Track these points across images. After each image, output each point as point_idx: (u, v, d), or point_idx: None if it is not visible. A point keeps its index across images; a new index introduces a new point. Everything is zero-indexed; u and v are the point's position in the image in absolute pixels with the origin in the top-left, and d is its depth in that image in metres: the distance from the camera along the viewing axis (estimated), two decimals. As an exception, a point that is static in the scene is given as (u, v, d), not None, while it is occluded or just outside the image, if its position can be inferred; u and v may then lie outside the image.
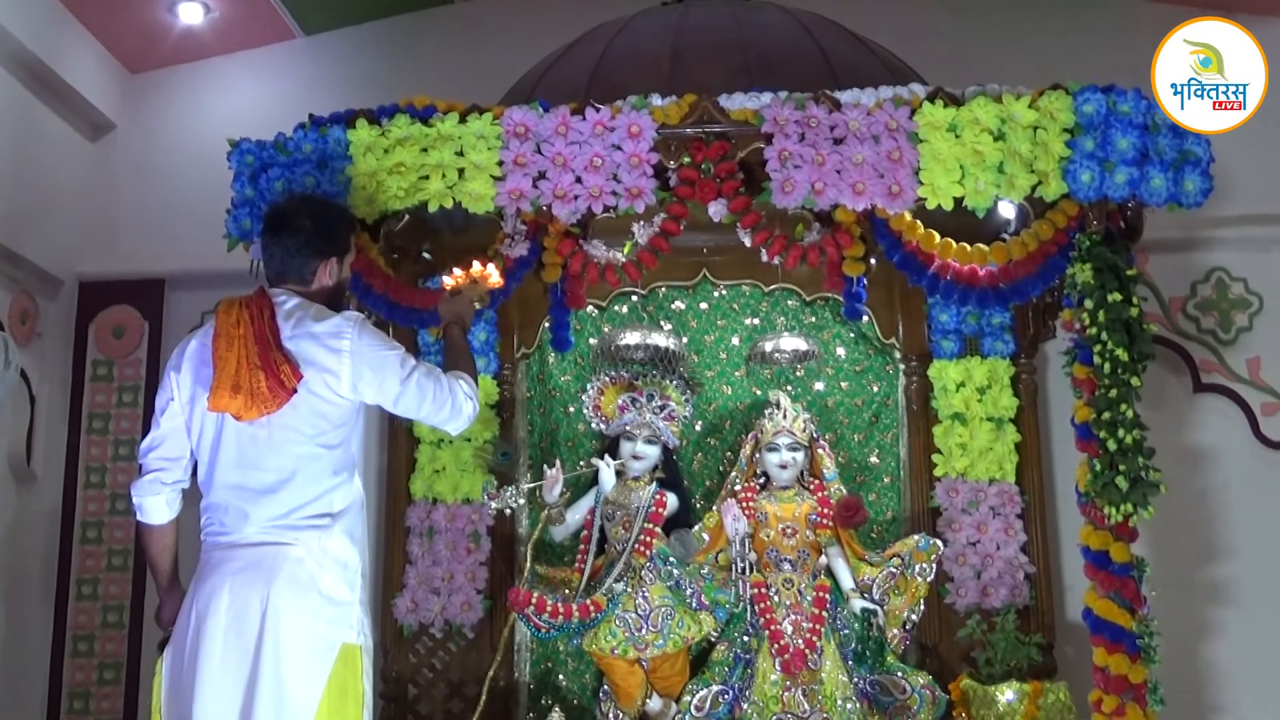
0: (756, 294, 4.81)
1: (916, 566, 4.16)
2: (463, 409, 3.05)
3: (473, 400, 3.08)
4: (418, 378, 2.96)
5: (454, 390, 3.03)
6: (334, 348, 2.87)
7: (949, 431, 4.53)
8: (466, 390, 3.07)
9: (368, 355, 2.89)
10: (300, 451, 2.86)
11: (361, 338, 2.90)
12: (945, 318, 4.60)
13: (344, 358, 2.87)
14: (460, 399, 3.03)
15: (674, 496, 4.41)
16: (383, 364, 2.91)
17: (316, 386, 2.86)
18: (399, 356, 2.95)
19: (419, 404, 2.97)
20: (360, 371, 2.88)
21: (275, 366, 2.81)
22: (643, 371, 4.60)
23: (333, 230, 3.08)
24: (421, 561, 4.52)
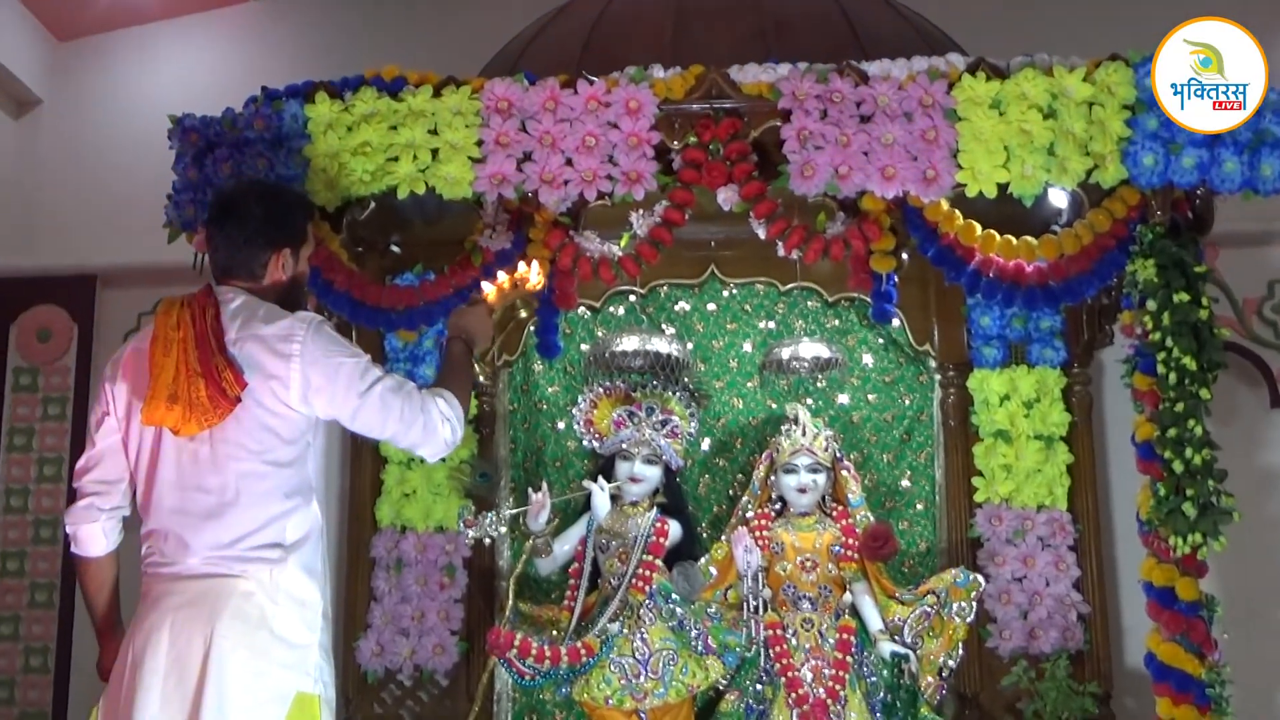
0: (772, 294, 4.82)
1: (954, 605, 4.15)
2: (437, 432, 2.96)
3: (452, 424, 2.98)
4: (381, 391, 2.91)
5: (428, 408, 2.95)
6: (283, 352, 2.85)
7: (991, 451, 4.53)
8: (445, 411, 2.98)
9: (321, 362, 2.87)
10: (244, 469, 2.84)
11: (315, 341, 2.88)
12: (987, 321, 4.60)
13: (293, 363, 2.85)
14: (435, 420, 2.95)
15: (677, 524, 4.41)
16: (337, 372, 2.87)
17: (263, 396, 2.84)
18: (359, 365, 2.91)
19: (382, 421, 2.92)
20: (311, 380, 2.85)
21: (217, 373, 2.79)
22: (642, 382, 4.60)
23: (287, 218, 3.07)
24: (388, 598, 4.52)
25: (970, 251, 3.75)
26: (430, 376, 4.59)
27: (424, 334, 4.60)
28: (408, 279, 4.48)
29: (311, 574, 2.90)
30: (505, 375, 4.76)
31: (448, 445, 2.99)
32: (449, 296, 3.94)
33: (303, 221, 3.13)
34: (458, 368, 3.19)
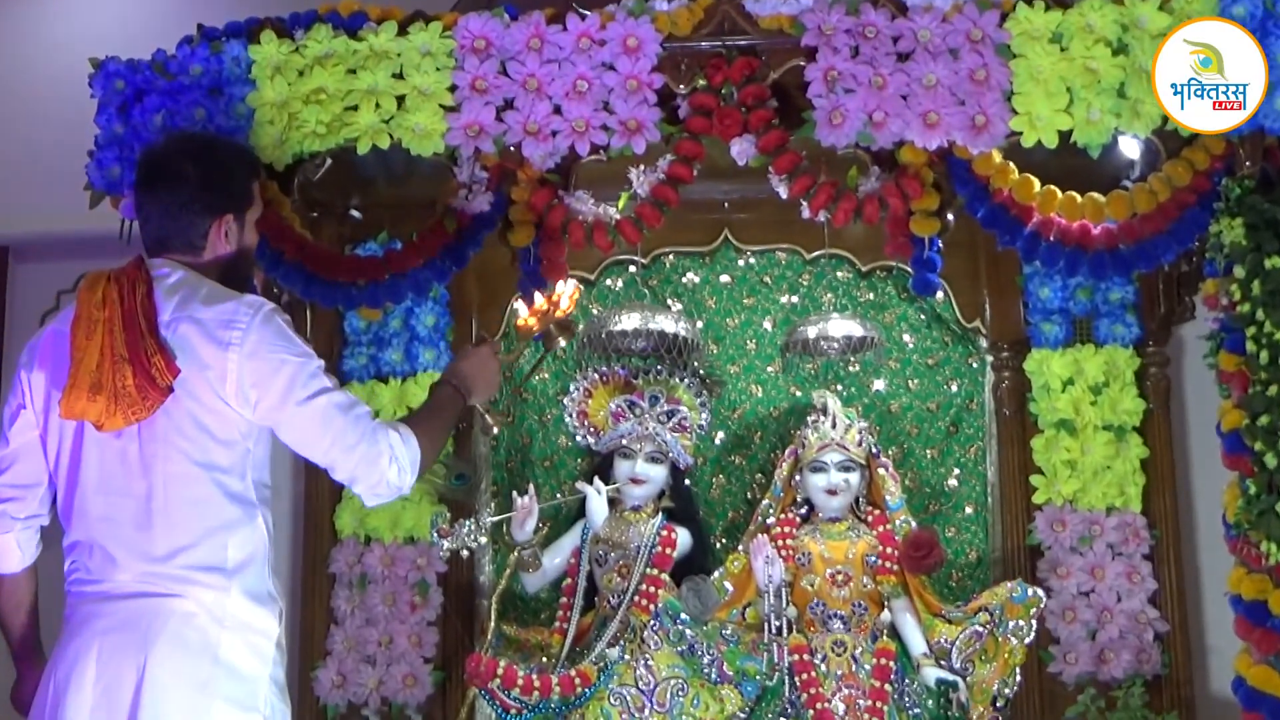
0: (795, 263, 4.82)
1: (1010, 624, 4.14)
2: (381, 470, 2.88)
3: (400, 467, 2.90)
4: (325, 405, 2.87)
5: (377, 439, 2.88)
6: (221, 339, 2.84)
7: (1053, 444, 4.53)
8: (398, 450, 2.90)
9: (262, 355, 2.84)
10: (174, 472, 2.84)
11: (260, 331, 2.86)
12: (1047, 293, 4.60)
13: (231, 353, 2.83)
14: (382, 455, 2.87)
15: (686, 533, 4.41)
16: (277, 371, 2.84)
17: (197, 387, 2.83)
18: (305, 367, 2.87)
19: (317, 439, 2.87)
20: (248, 375, 2.84)
21: (146, 358, 2.79)
22: (644, 367, 4.61)
23: (228, 179, 3.07)
24: (351, 621, 4.53)
25: (1027, 211, 3.75)
26: (395, 362, 4.60)
27: (390, 313, 4.60)
28: (370, 249, 4.50)
29: (259, 600, 2.90)
30: (485, 360, 4.74)
31: (390, 490, 2.92)
32: (418, 269, 3.94)
33: (247, 182, 3.12)
34: (437, 411, 3.16)
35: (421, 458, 2.96)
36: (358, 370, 4.63)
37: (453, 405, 3.20)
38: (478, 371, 3.26)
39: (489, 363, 3.29)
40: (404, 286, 3.95)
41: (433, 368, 4.59)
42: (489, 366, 3.29)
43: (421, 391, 4.54)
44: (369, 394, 4.58)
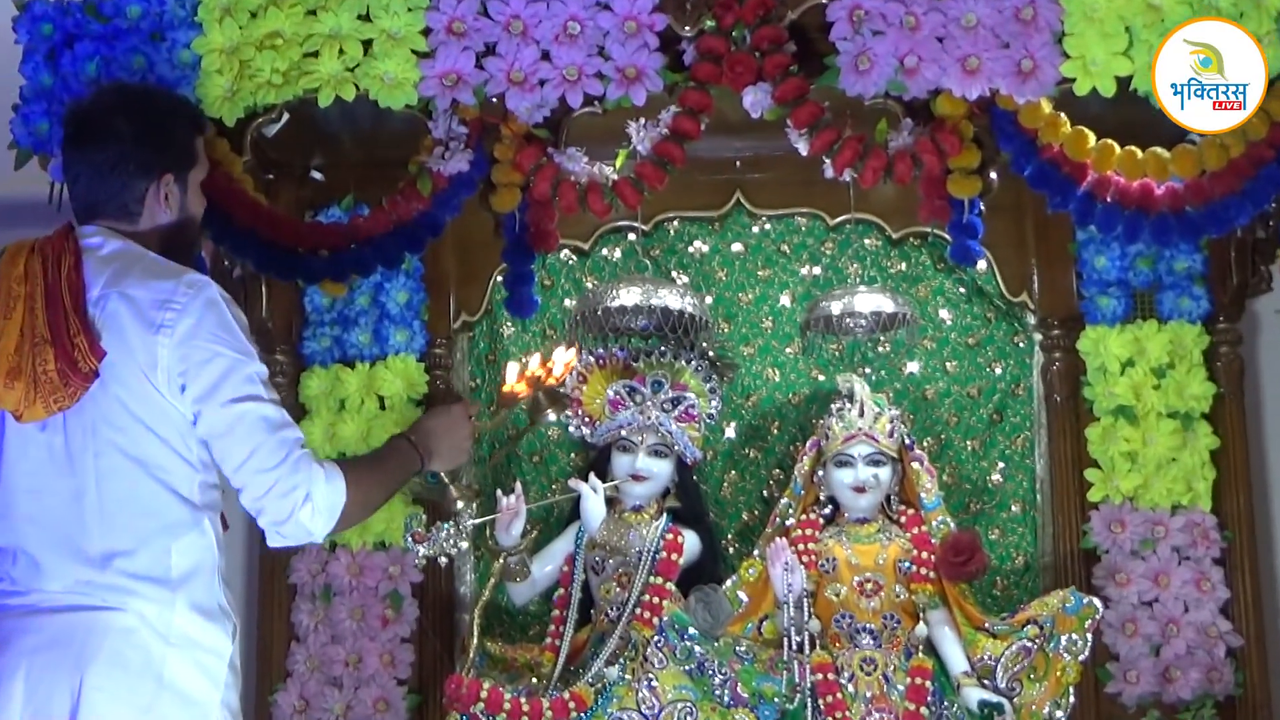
0: (817, 229, 4.81)
1: (1063, 639, 4.15)
2: (292, 507, 2.84)
3: (317, 512, 2.86)
4: (253, 416, 2.85)
5: (298, 470, 2.85)
6: (153, 321, 2.83)
7: (1110, 434, 4.53)
8: (320, 493, 2.85)
9: (196, 344, 2.83)
10: (105, 466, 2.84)
11: (201, 315, 2.84)
12: (1103, 262, 4.59)
13: (163, 338, 2.82)
14: (298, 487, 2.84)
15: (694, 536, 4.41)
16: (208, 364, 2.83)
17: (124, 372, 2.82)
18: (242, 368, 2.85)
19: (234, 450, 2.85)
20: (178, 363, 2.82)
21: (69, 340, 2.78)
22: (646, 348, 4.60)
23: (165, 133, 3.06)
24: (314, 637, 4.52)
25: (1081, 169, 3.74)
26: (362, 344, 4.59)
27: (356, 287, 4.60)
28: (334, 215, 4.49)
29: (209, 615, 2.89)
30: (464, 341, 4.76)
31: (298, 533, 2.89)
32: (388, 237, 3.94)
33: (189, 138, 3.12)
34: (381, 463, 3.14)
35: (346, 509, 2.91)
36: (320, 353, 4.62)
37: (403, 463, 3.16)
38: (444, 433, 3.24)
39: (459, 425, 3.27)
40: (372, 258, 3.94)
41: (405, 350, 4.59)
42: (458, 430, 3.27)
43: (393, 377, 4.53)
44: (333, 380, 4.58)
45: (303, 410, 4.59)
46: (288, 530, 2.89)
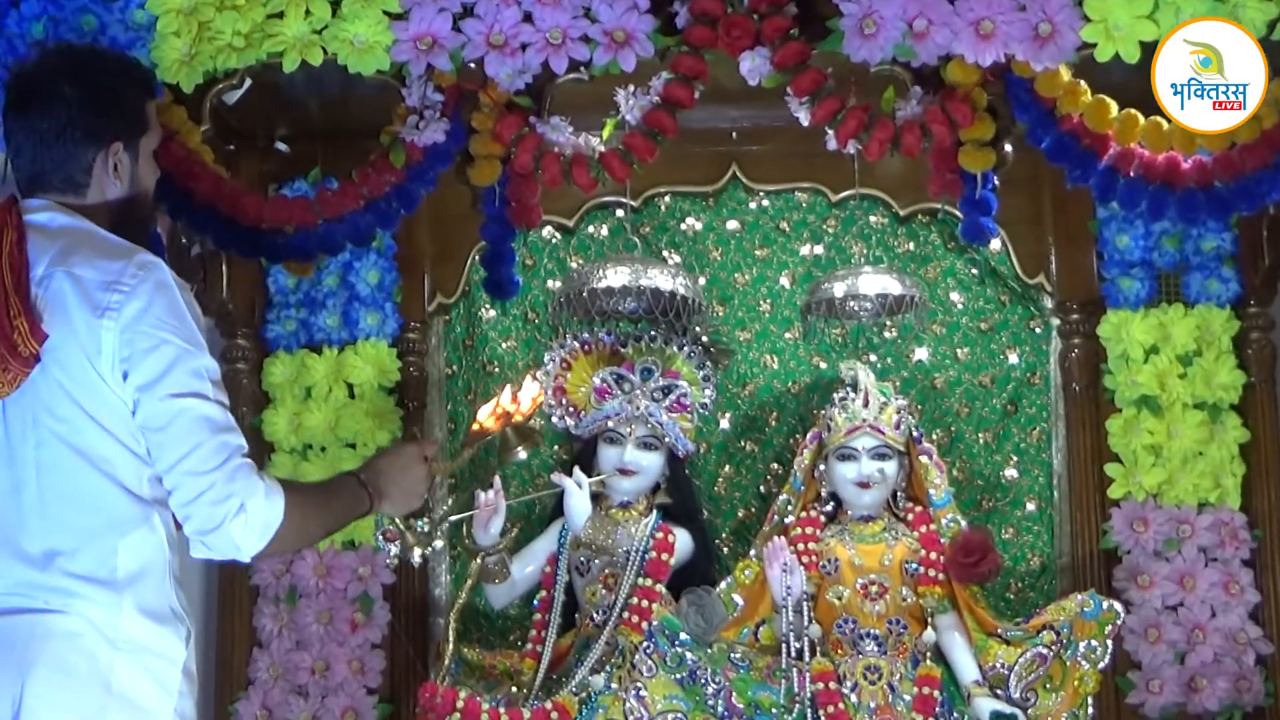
0: (819, 205, 4.82)
1: (1081, 645, 4.15)
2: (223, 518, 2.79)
3: (249, 524, 2.82)
4: (194, 413, 2.81)
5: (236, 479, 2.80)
6: (99, 303, 2.81)
7: (1133, 426, 4.53)
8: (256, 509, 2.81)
9: (142, 330, 2.80)
10: (49, 459, 2.82)
11: (150, 299, 2.82)
12: (1126, 241, 4.59)
13: (108, 322, 2.80)
14: (233, 496, 2.80)
15: (686, 534, 4.41)
16: (153, 352, 2.80)
17: (67, 357, 2.81)
18: (190, 361, 2.82)
19: (170, 446, 2.81)
20: (122, 348, 2.80)
21: (8, 321, 2.76)
22: (635, 333, 4.60)
23: (112, 97, 3.04)
24: (278, 643, 4.52)
25: (1102, 141, 3.75)
26: (330, 328, 4.58)
27: (324, 267, 4.59)
28: (300, 189, 4.48)
29: (159, 618, 2.88)
30: (439, 325, 4.77)
31: (226, 548, 2.85)
32: (359, 213, 3.93)
33: (139, 102, 3.10)
34: (327, 496, 3.09)
35: (281, 531, 2.86)
36: (284, 338, 4.62)
37: (350, 501, 3.09)
38: (397, 474, 3.17)
39: (413, 467, 3.20)
40: (341, 235, 3.94)
41: (376, 335, 4.59)
42: (413, 472, 3.20)
43: (363, 364, 4.53)
44: (298, 366, 4.58)
45: (266, 398, 4.60)
46: (214, 542, 2.84)
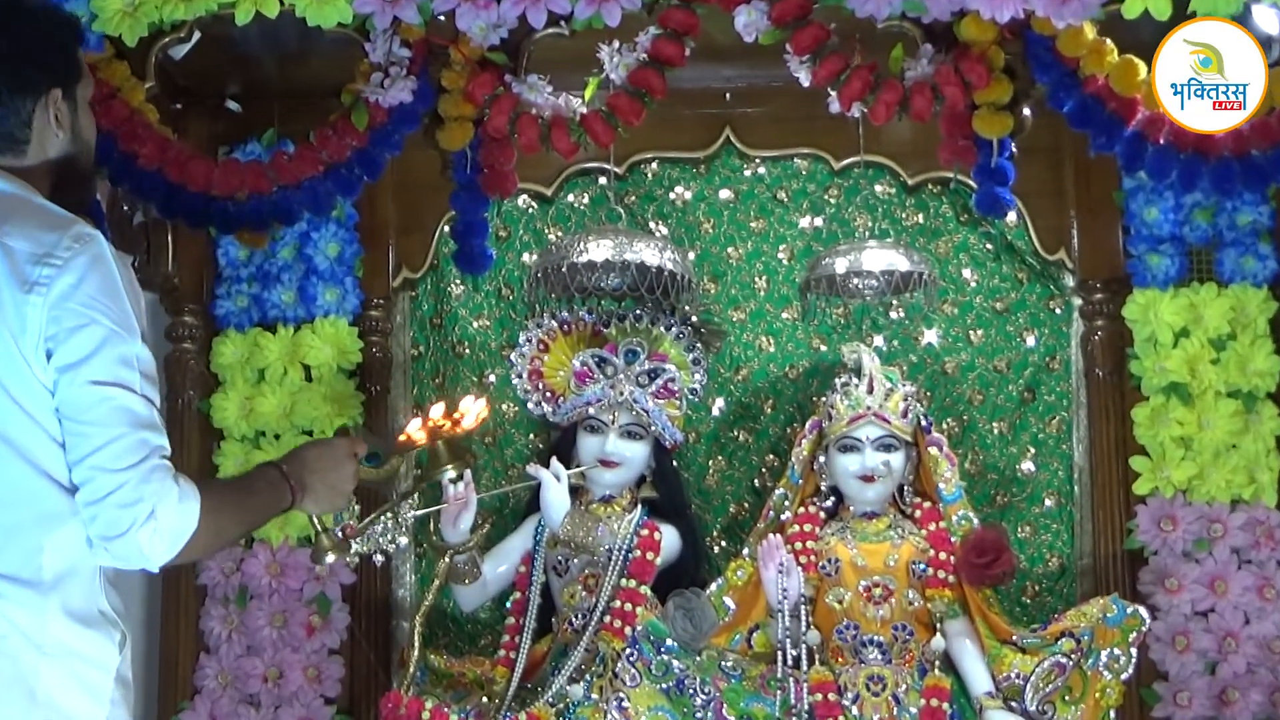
0: (820, 173, 4.82)
1: (1103, 654, 4.14)
2: (131, 522, 2.77)
3: (157, 530, 2.79)
4: (118, 402, 2.79)
5: (150, 481, 2.78)
6: (28, 277, 2.79)
7: (1161, 416, 4.52)
8: (166, 508, 2.78)
9: (72, 308, 2.78)
10: None
11: (83, 275, 2.81)
12: (1155, 214, 4.58)
13: (35, 298, 2.78)
14: (142, 500, 2.77)
15: (673, 532, 4.41)
16: (81, 330, 2.79)
17: None
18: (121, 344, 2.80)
19: (86, 436, 2.79)
20: (48, 326, 2.78)
21: None
22: (618, 311, 4.61)
23: (44, 44, 3.02)
24: (227, 648, 4.52)
25: (1129, 105, 3.76)
26: (285, 304, 4.57)
27: (279, 238, 4.60)
28: (253, 152, 4.48)
29: (88, 622, 2.88)
30: (404, 302, 4.77)
31: (131, 555, 2.82)
32: (317, 179, 3.95)
33: (71, 47, 3.09)
34: (243, 493, 3.08)
35: (194, 539, 2.84)
36: (235, 315, 4.61)
37: (270, 496, 3.08)
38: (323, 469, 3.17)
39: (341, 464, 3.20)
40: (298, 203, 3.96)
41: (335, 312, 4.59)
42: (339, 469, 3.19)
43: (321, 344, 4.52)
44: (250, 346, 4.57)
45: (215, 381, 4.59)
46: (119, 549, 2.81)
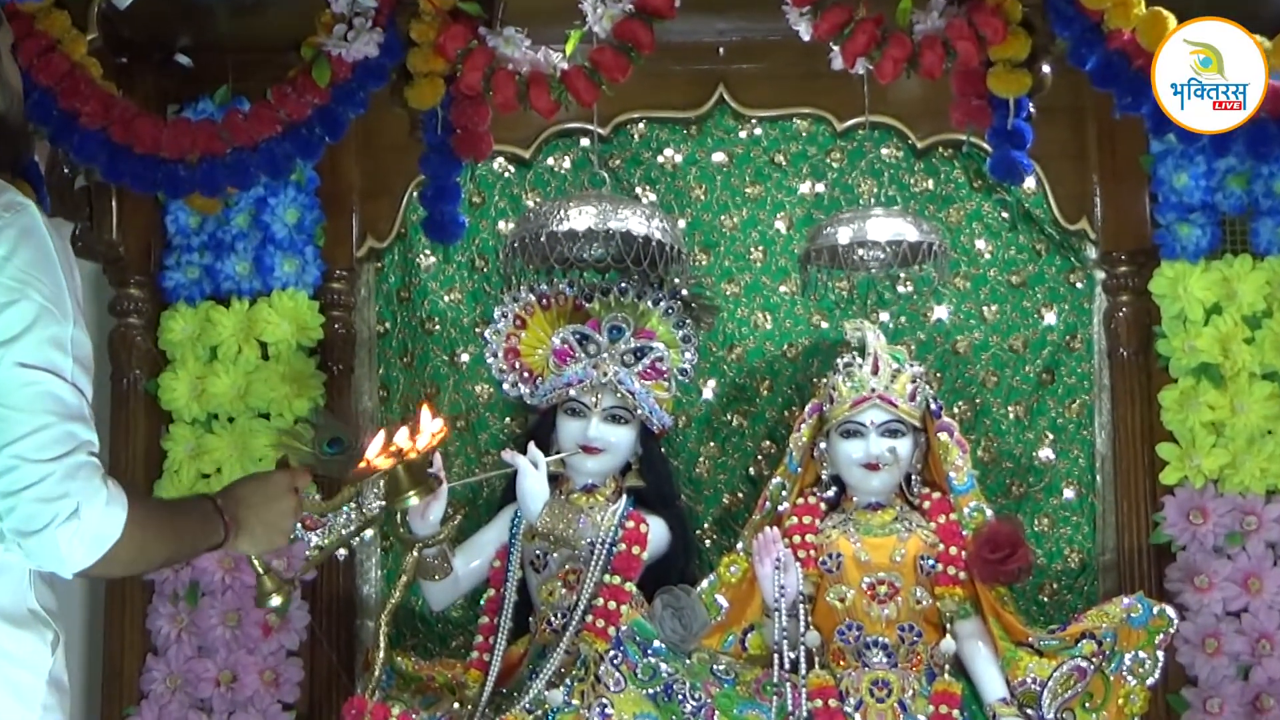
0: (821, 135, 4.83)
1: (1127, 657, 4.15)
2: (52, 519, 2.73)
3: (79, 531, 2.74)
4: (46, 386, 2.77)
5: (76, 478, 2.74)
6: None
7: (1190, 399, 4.53)
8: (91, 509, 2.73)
9: (6, 283, 2.74)
10: None
11: (15, 246, 2.77)
12: (1185, 181, 4.59)
13: None
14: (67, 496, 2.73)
15: (661, 524, 4.41)
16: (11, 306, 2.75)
17: None
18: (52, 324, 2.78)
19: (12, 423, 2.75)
20: None
21: None
22: (602, 285, 4.61)
23: None
24: (177, 649, 4.53)
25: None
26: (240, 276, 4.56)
27: (234, 204, 4.60)
28: (205, 110, 4.46)
29: (18, 621, 2.87)
30: (370, 274, 4.78)
31: (49, 556, 2.78)
32: (275, 140, 3.96)
33: None
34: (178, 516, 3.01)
35: (116, 548, 2.79)
36: (185, 287, 4.60)
37: (201, 527, 3.00)
38: (260, 505, 3.10)
39: (280, 499, 3.13)
40: (254, 166, 3.96)
41: (294, 284, 4.59)
42: (278, 504, 3.13)
43: (279, 319, 4.51)
44: (202, 321, 4.57)
45: (163, 359, 4.57)
46: (34, 547, 2.76)
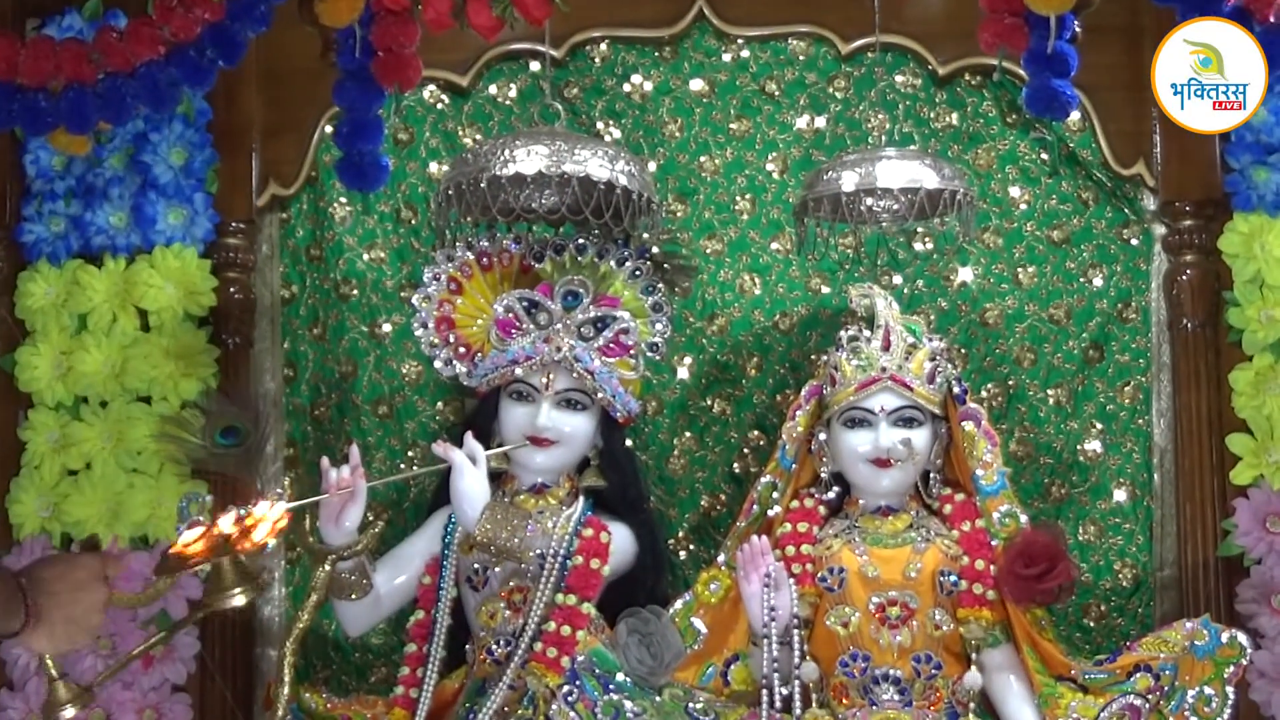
0: (822, 58, 4.86)
1: (1189, 694, 4.18)
2: None
3: None
4: None
5: None
6: None
7: (1267, 381, 4.56)
8: None
9: None
10: None
11: None
12: (1263, 116, 4.64)
13: None
14: None
15: (625, 532, 4.44)
16: None
17: None
18: None
19: None
20: None
21: None
22: (555, 240, 4.63)
23: None
24: (37, 683, 4.53)
25: (1230, -30, 3.83)
26: (115, 229, 4.57)
27: (106, 142, 4.63)
28: (72, 27, 4.47)
29: None
30: (273, 226, 4.81)
31: None
32: (157, 64, 3.97)
33: None
34: None
35: None
36: (48, 241, 4.63)
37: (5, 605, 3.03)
38: (64, 594, 3.12)
39: (88, 588, 3.15)
40: (131, 95, 3.97)
41: (182, 239, 4.60)
42: (86, 596, 3.15)
43: (162, 281, 4.52)
44: (68, 284, 4.59)
45: (22, 329, 4.57)
46: None
